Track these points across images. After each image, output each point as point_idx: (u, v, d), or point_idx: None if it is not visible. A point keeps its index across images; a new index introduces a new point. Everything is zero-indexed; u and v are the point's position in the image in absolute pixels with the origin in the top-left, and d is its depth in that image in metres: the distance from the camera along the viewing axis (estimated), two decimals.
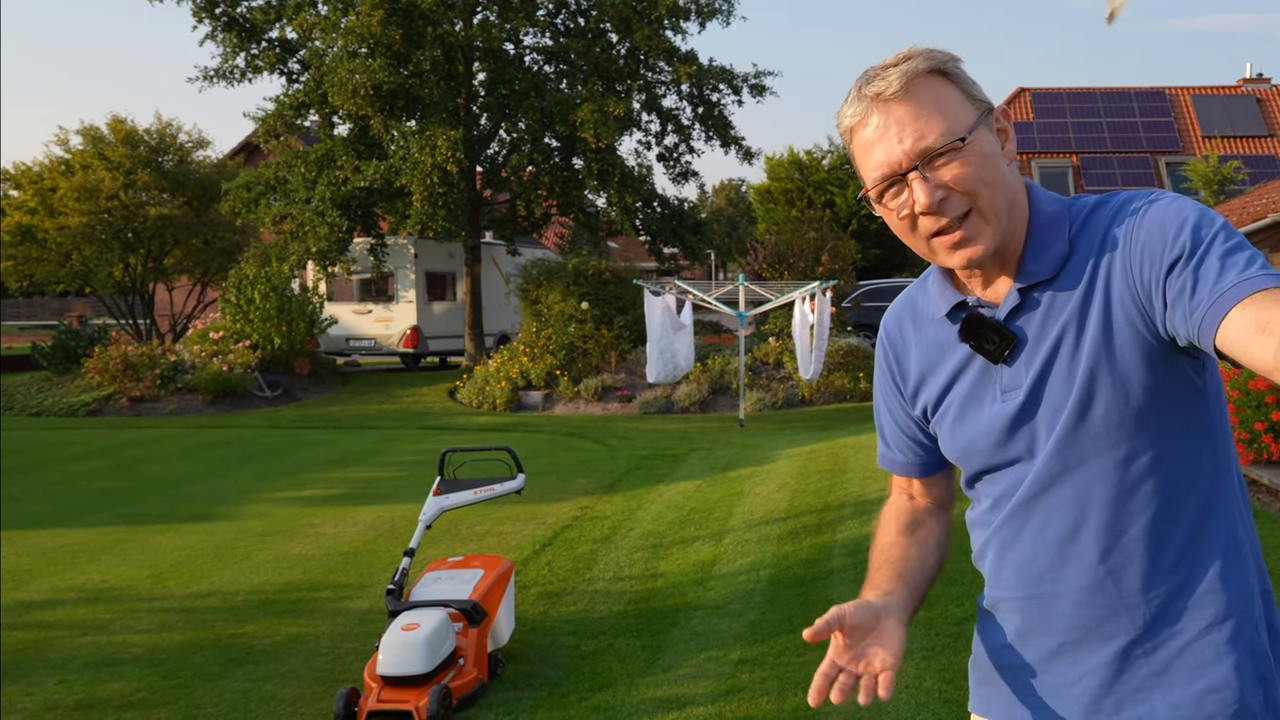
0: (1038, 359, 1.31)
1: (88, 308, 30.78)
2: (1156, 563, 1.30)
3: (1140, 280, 1.24)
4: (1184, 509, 1.30)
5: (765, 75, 19.38)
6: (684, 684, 4.23)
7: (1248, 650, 1.30)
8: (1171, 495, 1.30)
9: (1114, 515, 1.31)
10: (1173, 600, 1.31)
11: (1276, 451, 6.54)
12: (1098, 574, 1.32)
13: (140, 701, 4.25)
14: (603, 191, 18.99)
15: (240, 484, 9.27)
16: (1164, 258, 1.21)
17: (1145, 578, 1.31)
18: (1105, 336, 1.27)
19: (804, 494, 7.45)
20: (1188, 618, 1.30)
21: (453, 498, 4.65)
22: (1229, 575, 1.31)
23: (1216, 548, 1.31)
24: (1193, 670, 1.30)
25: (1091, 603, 1.33)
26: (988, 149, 1.29)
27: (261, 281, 16.53)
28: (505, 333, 21.26)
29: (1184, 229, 1.22)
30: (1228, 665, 1.29)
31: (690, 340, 11.99)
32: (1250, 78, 30.61)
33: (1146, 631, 1.32)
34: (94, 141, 21.76)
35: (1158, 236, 1.23)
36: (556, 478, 9.10)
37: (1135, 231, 1.26)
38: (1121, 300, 1.26)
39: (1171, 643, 1.31)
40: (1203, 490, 1.31)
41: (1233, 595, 1.30)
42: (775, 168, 28.57)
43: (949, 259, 1.33)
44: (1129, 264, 1.25)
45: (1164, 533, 1.30)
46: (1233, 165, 22.53)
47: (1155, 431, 1.28)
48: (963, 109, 1.28)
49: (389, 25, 16.57)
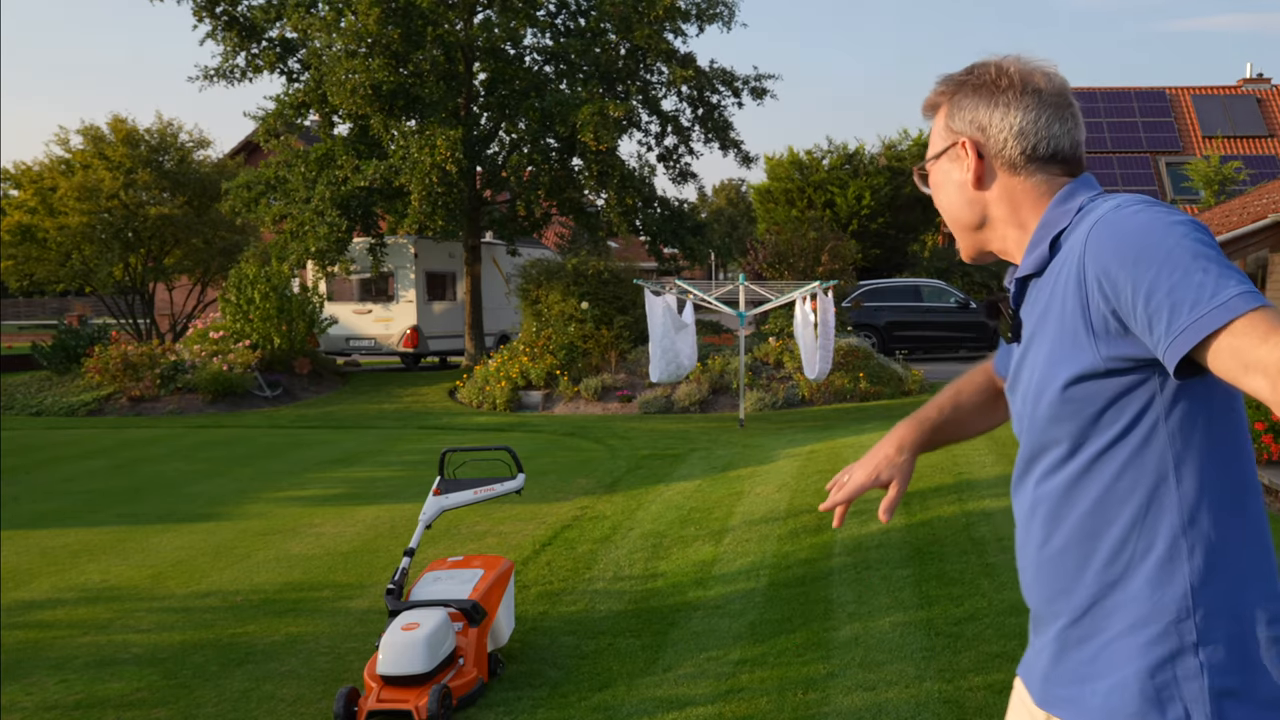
0: (1020, 347, 1.48)
1: (88, 307, 30.80)
2: (1089, 556, 1.39)
3: (1091, 296, 1.31)
4: (1119, 513, 1.36)
5: (765, 79, 19.37)
6: (684, 684, 4.23)
7: (1167, 662, 1.31)
8: (1106, 498, 1.37)
9: (1057, 504, 1.41)
10: (1104, 594, 1.37)
11: (1276, 452, 6.54)
12: (1043, 554, 1.44)
13: (140, 701, 4.25)
14: (603, 192, 18.99)
15: (240, 484, 9.27)
16: (1113, 287, 1.27)
17: (1079, 568, 1.40)
18: (1058, 338, 1.37)
19: (804, 494, 7.44)
20: (1117, 615, 1.36)
21: (453, 497, 4.65)
22: (1162, 583, 1.33)
23: (1153, 554, 1.34)
24: (1108, 666, 1.36)
25: (1040, 580, 1.46)
26: (939, 179, 1.55)
27: (261, 281, 16.53)
28: (505, 332, 21.25)
29: (1126, 261, 1.26)
30: (1131, 670, 1.33)
31: (693, 339, 11.99)
32: (1250, 78, 30.61)
33: (1080, 619, 1.40)
34: (94, 141, 21.74)
35: (1107, 259, 1.29)
36: (556, 478, 9.10)
37: (1089, 247, 1.32)
38: (1073, 310, 1.34)
39: (1099, 635, 1.38)
40: (1140, 499, 1.35)
41: (1161, 604, 1.33)
42: (775, 167, 28.54)
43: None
44: (1083, 278, 1.32)
45: (1097, 529, 1.38)
46: (1233, 165, 22.53)
47: (1092, 437, 1.36)
48: (939, 139, 1.54)
49: (386, 25, 16.56)
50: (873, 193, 26.72)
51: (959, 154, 1.51)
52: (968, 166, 1.50)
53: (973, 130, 1.49)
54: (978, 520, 6.16)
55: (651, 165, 19.42)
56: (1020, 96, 1.46)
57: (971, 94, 1.49)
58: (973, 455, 8.11)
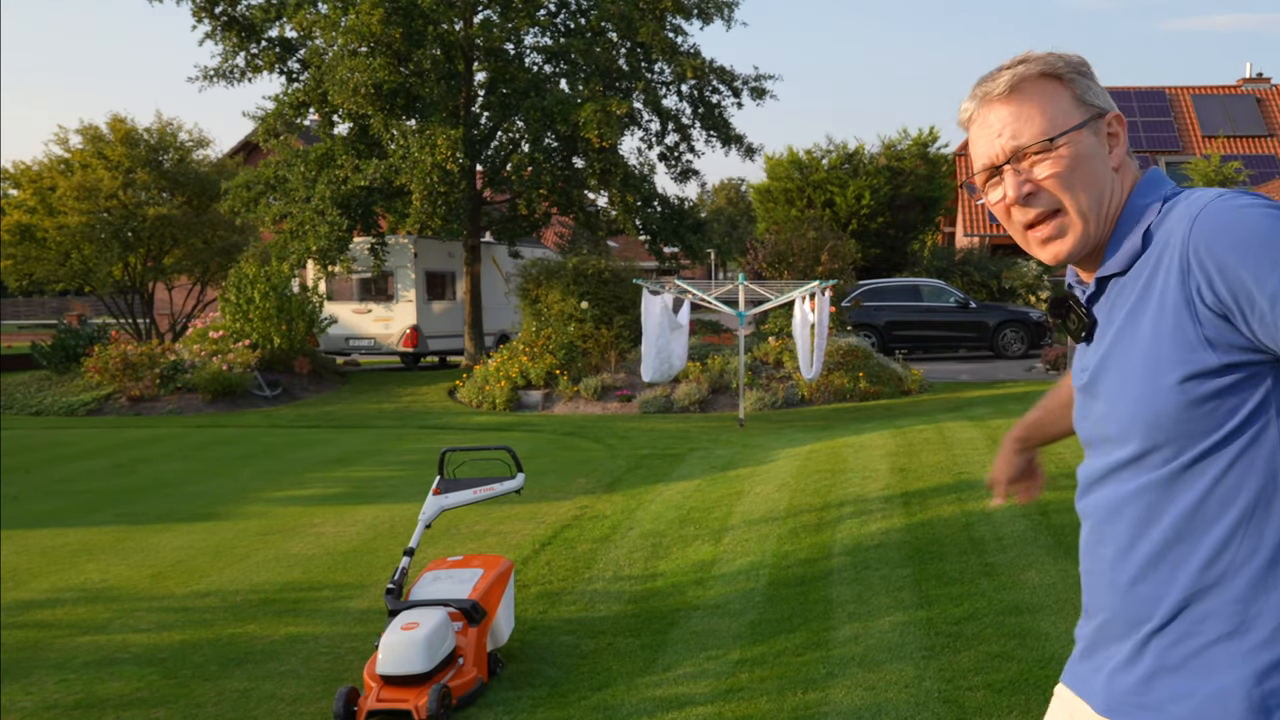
0: (1102, 346, 1.41)
1: (87, 307, 30.75)
2: (1186, 558, 1.33)
3: (1196, 290, 1.26)
4: (1221, 512, 1.31)
5: (765, 79, 19.38)
6: (683, 683, 4.23)
7: (1270, 669, 1.29)
8: (1207, 498, 1.31)
9: (1149, 508, 1.35)
10: (1197, 600, 1.32)
11: None
12: (1127, 561, 1.38)
13: (140, 701, 4.25)
14: (604, 191, 18.99)
15: (240, 483, 9.27)
16: (1229, 289, 1.23)
17: (1173, 570, 1.33)
18: (1156, 336, 1.31)
19: (804, 493, 7.44)
20: (1211, 621, 1.31)
21: (452, 497, 4.65)
22: (1264, 588, 1.30)
23: (1258, 557, 1.30)
24: (1202, 673, 1.31)
25: (1120, 586, 1.39)
26: (1083, 151, 1.37)
27: (261, 281, 16.52)
28: (505, 332, 21.25)
29: (1245, 261, 1.22)
30: (1235, 677, 1.29)
31: (686, 340, 11.99)
32: (1250, 78, 30.63)
33: (1166, 625, 1.34)
34: (93, 141, 21.74)
35: (1219, 255, 1.24)
36: (556, 477, 9.09)
37: (1192, 239, 1.28)
38: (1175, 305, 1.29)
39: (1190, 641, 1.32)
40: (1248, 497, 1.31)
41: (1266, 608, 1.29)
42: (775, 167, 28.50)
43: (1039, 253, 1.44)
44: (1186, 271, 1.28)
45: (1196, 532, 1.32)
46: (1233, 165, 22.53)
47: (1197, 435, 1.31)
48: (1067, 112, 1.38)
49: (389, 24, 16.57)
50: (872, 192, 26.70)
51: (1109, 127, 1.41)
52: (1118, 142, 1.41)
53: (1111, 108, 1.42)
54: (978, 520, 6.16)
55: (652, 164, 19.43)
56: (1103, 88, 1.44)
57: (1084, 76, 1.41)
58: (973, 455, 8.11)
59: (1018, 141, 1.38)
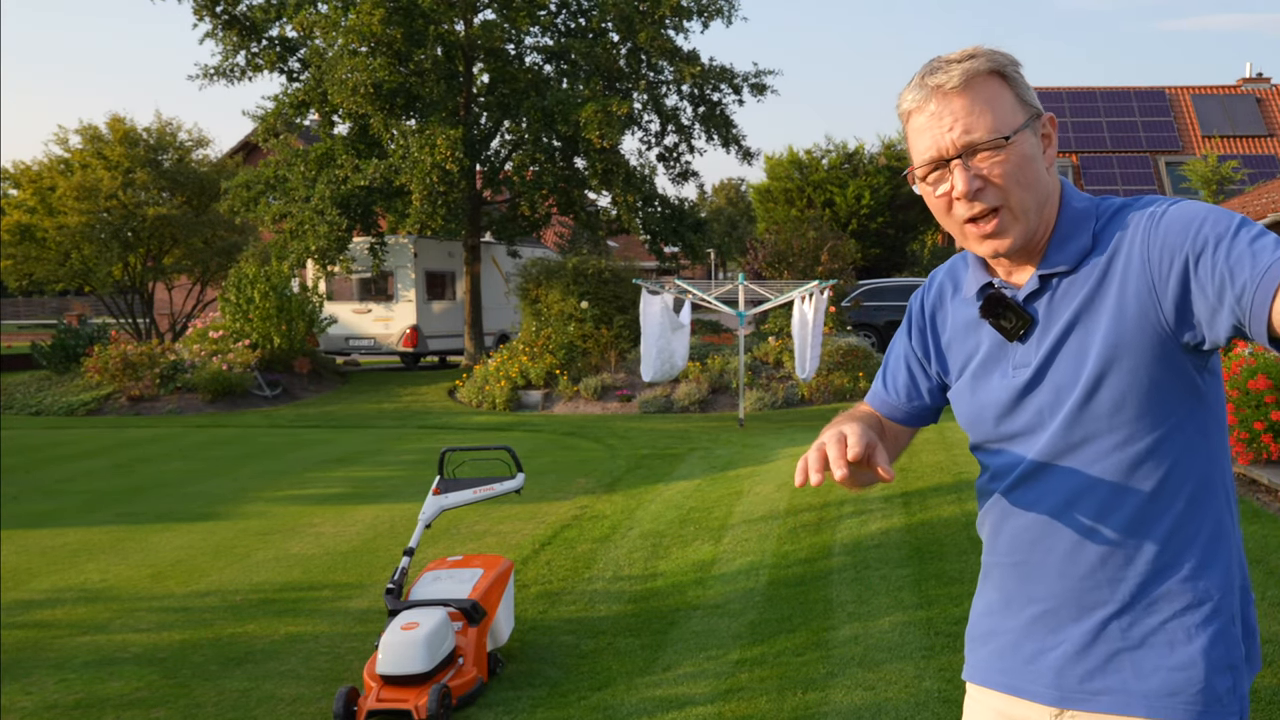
0: (1048, 340, 1.41)
1: (87, 307, 30.73)
2: (1142, 543, 1.38)
3: (1160, 276, 1.31)
4: (1175, 496, 1.38)
5: (766, 74, 19.37)
6: (683, 683, 4.23)
7: (1220, 636, 1.37)
8: (1164, 482, 1.38)
9: (1108, 494, 1.39)
10: (1155, 580, 1.38)
11: (1276, 451, 6.53)
12: (1085, 547, 1.40)
13: (139, 700, 4.25)
14: (606, 191, 18.99)
15: (240, 483, 9.27)
16: (1189, 250, 1.28)
17: (1130, 556, 1.39)
18: (1118, 327, 1.35)
19: (803, 493, 7.44)
20: (1167, 599, 1.38)
21: (452, 497, 4.65)
22: (1210, 564, 1.39)
23: (1202, 536, 1.39)
24: (1164, 648, 1.38)
25: (1075, 573, 1.41)
26: (1028, 151, 1.39)
27: (261, 281, 16.52)
28: (505, 332, 21.25)
29: (1205, 223, 1.29)
30: (1197, 647, 1.36)
31: (687, 339, 11.99)
32: (1250, 78, 30.61)
33: (1126, 607, 1.40)
34: (93, 141, 21.74)
35: (1178, 232, 1.31)
36: (556, 477, 9.09)
37: (1156, 230, 1.33)
38: (1138, 294, 1.34)
39: (1148, 620, 1.39)
40: (1195, 481, 1.39)
41: (1212, 583, 1.38)
42: (775, 167, 28.52)
43: (978, 247, 1.44)
44: (1148, 260, 1.33)
45: (1153, 516, 1.38)
46: (1232, 165, 22.52)
47: (1155, 420, 1.36)
48: (1013, 111, 1.39)
49: (389, 24, 16.57)
50: (872, 192, 26.71)
51: (1044, 128, 1.43)
52: (1050, 143, 1.43)
53: (1041, 109, 1.43)
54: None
55: (652, 164, 19.43)
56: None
57: (1021, 75, 1.42)
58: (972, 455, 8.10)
59: (971, 137, 1.37)
